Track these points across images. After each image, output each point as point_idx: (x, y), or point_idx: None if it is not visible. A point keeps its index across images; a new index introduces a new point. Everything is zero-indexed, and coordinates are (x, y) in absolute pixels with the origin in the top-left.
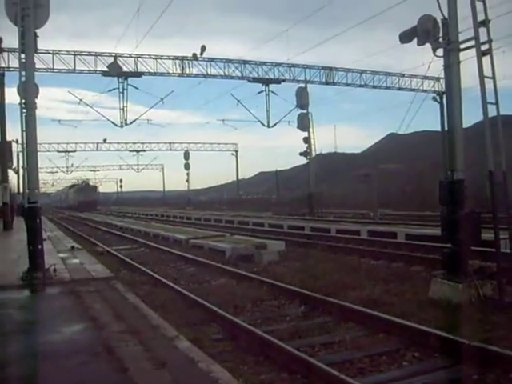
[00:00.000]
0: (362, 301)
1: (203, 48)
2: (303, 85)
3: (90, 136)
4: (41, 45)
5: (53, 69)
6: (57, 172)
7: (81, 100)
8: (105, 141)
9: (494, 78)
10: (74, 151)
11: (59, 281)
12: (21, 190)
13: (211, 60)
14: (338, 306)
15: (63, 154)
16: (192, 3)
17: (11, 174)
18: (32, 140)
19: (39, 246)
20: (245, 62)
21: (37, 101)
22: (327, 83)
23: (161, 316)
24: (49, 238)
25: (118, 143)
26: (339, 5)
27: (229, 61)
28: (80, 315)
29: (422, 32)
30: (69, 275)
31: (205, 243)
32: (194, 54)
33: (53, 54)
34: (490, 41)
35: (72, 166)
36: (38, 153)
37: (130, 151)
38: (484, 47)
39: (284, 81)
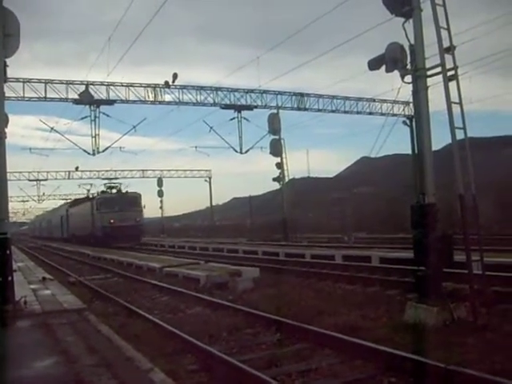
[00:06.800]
0: (337, 327)
1: (175, 76)
2: (275, 111)
3: (63, 164)
4: (15, 72)
5: (23, 97)
6: (28, 201)
7: (52, 128)
8: (77, 169)
9: (460, 103)
10: (46, 180)
11: (30, 313)
12: None
13: (184, 87)
14: (314, 332)
15: (34, 182)
16: (165, 31)
17: None
18: (2, 170)
19: (9, 278)
20: (217, 89)
21: (7, 130)
22: (299, 109)
23: (135, 348)
24: (19, 269)
25: (91, 171)
26: (311, 31)
27: (201, 88)
28: (52, 349)
29: (390, 59)
30: (40, 307)
31: (179, 271)
32: (166, 82)
33: (23, 82)
34: (455, 67)
35: (43, 194)
36: (9, 182)
37: (103, 179)
38: (450, 73)
39: (256, 107)
